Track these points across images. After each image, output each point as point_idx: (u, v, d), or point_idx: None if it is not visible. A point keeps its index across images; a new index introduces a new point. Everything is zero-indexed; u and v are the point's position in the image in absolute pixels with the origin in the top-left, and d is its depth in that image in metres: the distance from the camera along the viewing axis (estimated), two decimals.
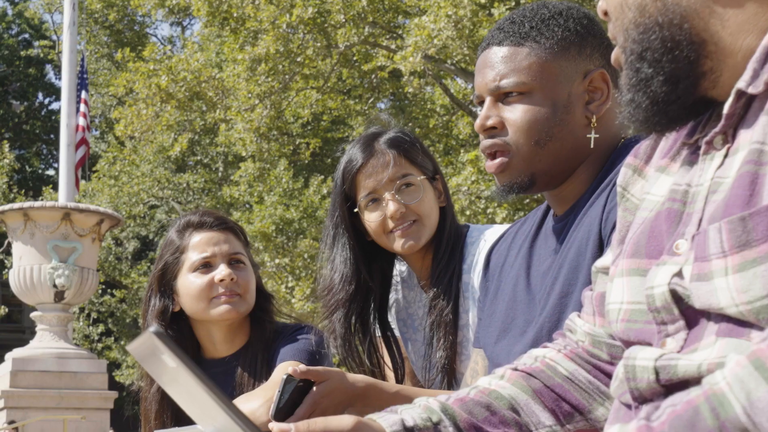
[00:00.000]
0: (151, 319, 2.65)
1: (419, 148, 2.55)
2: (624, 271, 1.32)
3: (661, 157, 1.39)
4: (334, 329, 2.57)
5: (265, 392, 2.33)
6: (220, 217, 2.72)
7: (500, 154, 1.88)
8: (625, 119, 1.31)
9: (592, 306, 1.53)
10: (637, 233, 1.33)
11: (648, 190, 1.37)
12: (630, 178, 1.45)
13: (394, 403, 2.27)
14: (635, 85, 1.27)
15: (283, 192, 21.99)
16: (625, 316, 1.31)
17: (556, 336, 1.62)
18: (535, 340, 1.78)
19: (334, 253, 2.58)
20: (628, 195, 1.44)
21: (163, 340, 1.22)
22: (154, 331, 1.23)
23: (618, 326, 1.33)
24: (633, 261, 1.31)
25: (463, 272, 2.49)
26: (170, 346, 1.23)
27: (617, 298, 1.33)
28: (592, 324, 1.53)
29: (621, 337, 1.34)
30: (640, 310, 1.27)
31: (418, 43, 17.01)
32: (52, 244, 12.79)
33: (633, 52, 1.27)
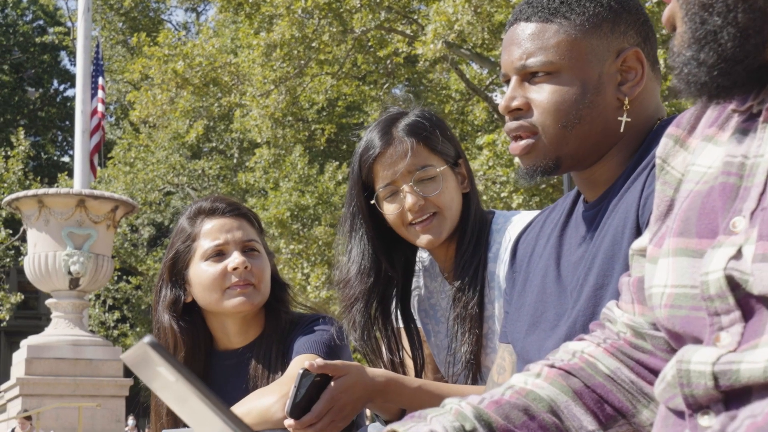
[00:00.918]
0: (162, 310, 2.54)
1: (440, 134, 2.40)
2: (670, 251, 1.21)
3: (708, 126, 1.28)
4: (354, 320, 2.45)
5: (281, 387, 2.21)
6: (232, 203, 2.59)
7: (526, 137, 1.77)
8: (681, 82, 1.19)
9: (630, 293, 1.41)
10: (684, 209, 1.22)
11: (693, 162, 1.27)
12: (671, 150, 1.33)
13: (415, 398, 2.16)
14: (700, 39, 1.16)
15: (298, 178, 21.93)
16: (669, 301, 1.20)
17: (593, 327, 1.50)
18: (568, 335, 1.66)
19: (352, 244, 2.46)
20: (668, 168, 1.33)
21: (159, 351, 1.13)
22: (148, 342, 1.13)
23: (661, 312, 1.22)
24: (681, 240, 1.20)
25: (489, 261, 2.37)
26: (166, 357, 1.13)
27: (660, 281, 1.22)
28: (632, 313, 1.41)
29: (665, 326, 1.23)
30: (685, 294, 1.17)
31: (438, 30, 16.89)
32: (66, 231, 12.77)
33: (696, 3, 1.16)
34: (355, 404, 2.05)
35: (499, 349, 2.04)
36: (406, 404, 2.18)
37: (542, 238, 1.92)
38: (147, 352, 1.13)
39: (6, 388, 13.46)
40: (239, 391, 2.42)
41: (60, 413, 12.45)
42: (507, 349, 1.98)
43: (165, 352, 1.14)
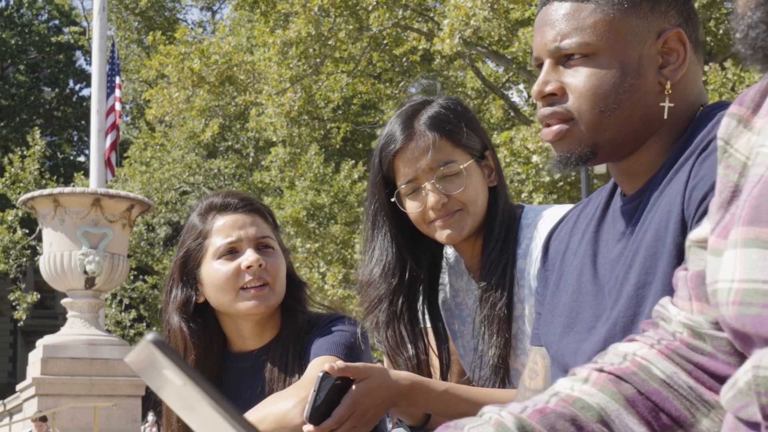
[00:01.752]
0: (173, 311, 2.41)
1: (465, 126, 2.26)
2: (738, 242, 1.10)
3: None
4: (377, 320, 2.34)
5: (299, 391, 2.08)
6: (245, 198, 2.46)
7: (560, 123, 1.65)
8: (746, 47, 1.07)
9: (687, 288, 1.29)
10: (755, 195, 1.10)
11: (763, 143, 1.15)
12: (734, 131, 1.21)
13: (441, 403, 2.04)
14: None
15: (314, 177, 21.88)
16: (737, 298, 1.08)
17: (645, 326, 1.36)
18: (607, 338, 1.54)
19: (374, 242, 2.34)
20: (731, 150, 1.21)
21: (164, 350, 1.02)
22: (152, 341, 1.02)
23: (728, 310, 1.10)
24: (751, 229, 1.08)
25: (518, 258, 2.24)
26: (172, 357, 1.02)
27: (727, 275, 1.10)
28: (689, 311, 1.28)
29: (731, 325, 1.11)
30: (756, 290, 1.05)
31: (455, 24, 16.79)
32: (82, 230, 12.74)
33: None
34: (378, 409, 1.94)
35: (530, 352, 1.92)
36: (432, 409, 2.07)
37: (576, 234, 1.79)
38: (151, 351, 1.03)
39: (22, 388, 13.43)
40: (254, 395, 2.30)
41: (76, 413, 12.40)
42: (539, 352, 1.87)
43: (171, 352, 1.02)
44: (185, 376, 1.01)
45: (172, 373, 1.02)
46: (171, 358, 1.01)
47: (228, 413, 1.04)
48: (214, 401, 1.02)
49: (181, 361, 1.02)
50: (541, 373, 1.87)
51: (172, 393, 1.08)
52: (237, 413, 1.04)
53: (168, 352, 1.01)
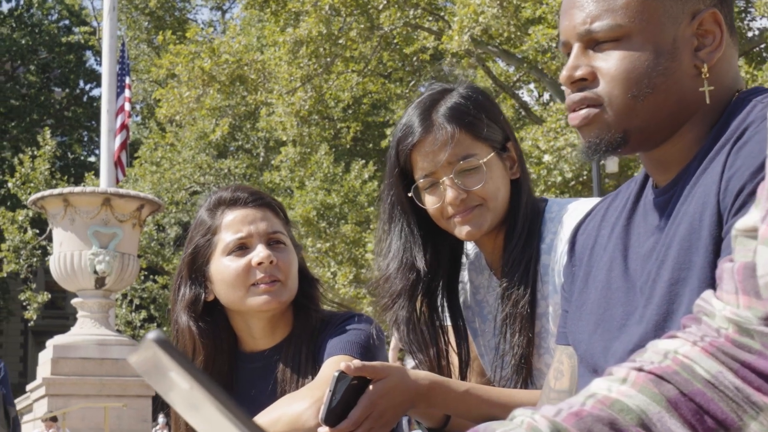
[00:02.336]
0: (181, 310, 2.32)
1: (486, 117, 2.17)
2: None
3: None
4: (396, 317, 2.24)
5: (313, 392, 2.00)
6: (255, 192, 2.36)
7: (590, 107, 1.56)
8: None
9: (734, 281, 1.20)
10: None
11: None
12: None
13: (462, 403, 1.96)
14: None
15: (324, 177, 21.84)
16: None
17: (687, 322, 1.27)
18: (640, 336, 1.45)
19: (391, 237, 2.24)
20: None
21: (166, 349, 0.94)
22: (154, 339, 0.95)
23: None
24: None
25: (542, 253, 2.14)
26: (175, 356, 0.94)
27: None
28: (736, 305, 1.19)
29: None
30: None
31: (464, 21, 16.73)
32: (92, 229, 12.70)
33: None
34: (396, 410, 1.86)
35: (555, 351, 1.84)
36: (452, 409, 1.98)
37: (605, 228, 1.71)
38: (154, 352, 0.95)
39: (32, 388, 13.41)
40: (266, 396, 2.22)
41: (86, 413, 12.36)
42: (565, 351, 1.78)
43: (175, 352, 0.94)
44: (191, 378, 0.93)
45: (177, 375, 0.95)
46: (176, 358, 0.94)
47: (237, 417, 0.96)
48: (221, 404, 0.94)
49: (187, 361, 0.94)
50: (567, 373, 1.78)
51: (178, 395, 1.00)
52: (246, 417, 0.97)
53: (172, 353, 0.94)
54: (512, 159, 2.22)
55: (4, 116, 35.08)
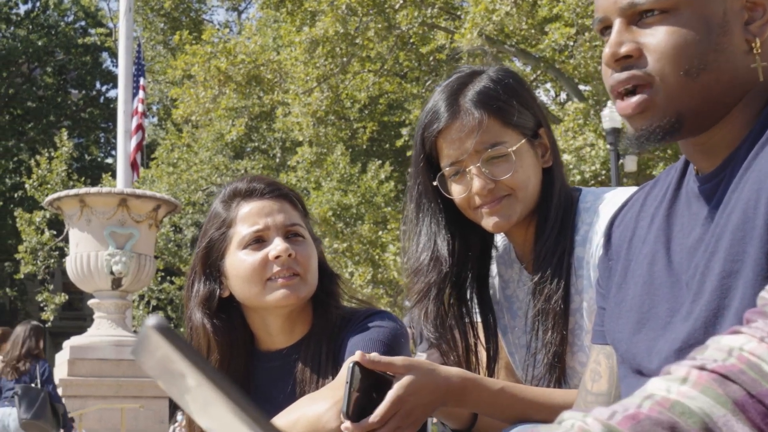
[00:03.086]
0: (195, 307, 2.21)
1: (516, 103, 2.05)
2: None
3: None
4: (427, 311, 2.14)
5: (334, 392, 1.88)
6: (272, 183, 2.25)
7: (640, 90, 1.44)
8: None
9: None
10: None
11: None
12: None
13: (495, 402, 1.84)
14: None
15: (340, 177, 21.78)
16: None
17: (752, 316, 1.15)
18: (688, 334, 1.35)
19: (419, 228, 2.13)
20: None
21: (169, 337, 0.84)
22: (155, 326, 0.85)
23: None
24: None
25: (576, 245, 2.03)
26: (179, 346, 0.84)
27: None
28: None
29: None
30: None
31: (476, 19, 16.63)
32: (108, 230, 12.66)
33: None
34: (425, 408, 1.75)
35: (591, 351, 1.73)
36: (484, 409, 1.87)
37: (644, 219, 1.59)
38: (154, 340, 0.86)
39: None
40: (285, 397, 2.12)
41: (103, 414, 12.30)
42: (602, 351, 1.68)
43: (177, 339, 0.85)
44: (197, 371, 0.84)
45: (181, 368, 0.85)
46: (180, 348, 0.84)
47: (250, 416, 0.86)
48: (231, 400, 0.85)
49: (193, 351, 0.84)
50: (605, 374, 1.68)
51: (184, 391, 0.90)
52: (260, 415, 0.87)
53: (173, 339, 0.84)
54: (544, 146, 2.11)
55: (21, 118, 35.14)
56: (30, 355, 9.28)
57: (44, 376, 9.27)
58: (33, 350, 9.29)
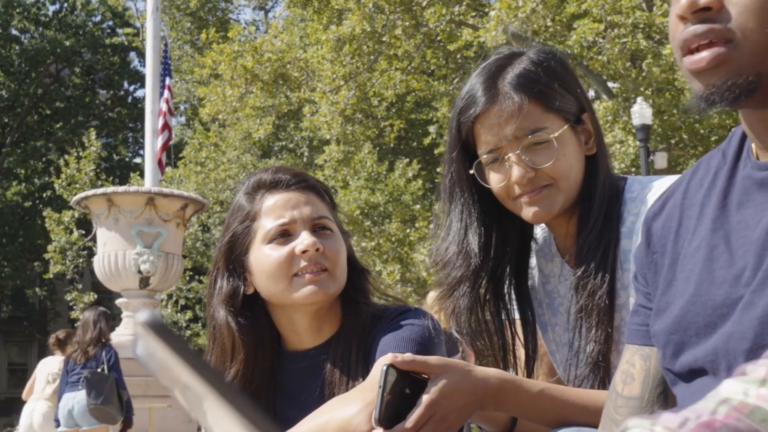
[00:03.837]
0: (218, 304, 2.10)
1: (558, 86, 1.94)
2: None
3: None
4: (456, 306, 2.02)
5: (364, 394, 1.75)
6: (298, 174, 2.14)
7: (717, 45, 1.30)
8: None
9: None
10: None
11: None
12: None
13: (536, 405, 1.72)
14: None
15: (368, 176, 21.71)
16: None
17: None
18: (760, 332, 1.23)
19: (451, 218, 2.02)
20: None
21: (159, 332, 0.76)
22: (146, 322, 0.76)
23: None
24: None
25: (622, 237, 1.91)
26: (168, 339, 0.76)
27: None
28: None
29: None
30: None
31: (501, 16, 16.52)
32: (136, 229, 12.65)
33: None
34: (462, 412, 1.63)
35: (626, 351, 1.60)
36: (524, 412, 1.75)
37: (691, 208, 1.47)
38: (146, 336, 0.77)
39: None
40: (313, 399, 2.00)
41: None
42: (639, 352, 1.56)
43: (169, 335, 0.77)
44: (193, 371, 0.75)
45: (174, 364, 0.77)
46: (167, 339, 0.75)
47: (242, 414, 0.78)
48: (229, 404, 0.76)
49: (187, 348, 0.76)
50: (639, 377, 1.56)
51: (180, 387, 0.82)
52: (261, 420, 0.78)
53: (164, 333, 0.76)
54: (588, 132, 1.99)
55: (50, 118, 35.32)
56: (99, 340, 9.30)
57: (111, 362, 9.40)
58: (104, 334, 9.34)
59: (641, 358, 1.57)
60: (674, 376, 1.43)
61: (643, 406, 1.56)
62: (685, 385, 1.38)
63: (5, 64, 34.28)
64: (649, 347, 1.54)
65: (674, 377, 1.43)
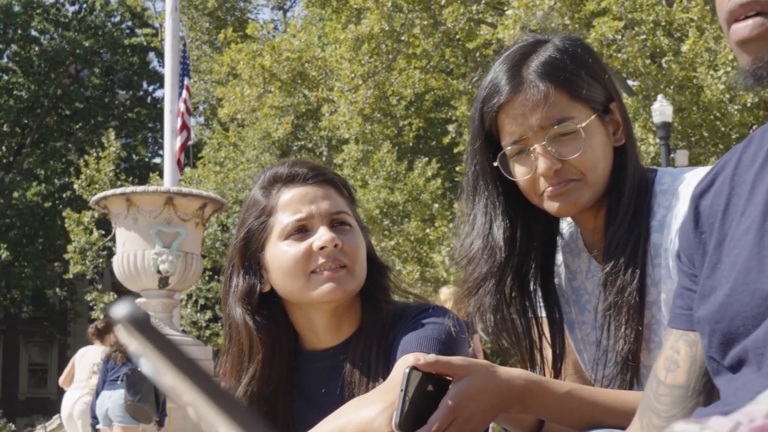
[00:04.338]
0: (234, 303, 2.04)
1: (585, 74, 1.87)
2: None
3: None
4: (482, 303, 1.96)
5: (385, 395, 1.70)
6: (316, 167, 2.07)
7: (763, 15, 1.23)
8: None
9: None
10: None
11: None
12: None
13: (563, 407, 1.65)
14: None
15: (387, 175, 21.66)
16: None
17: None
18: None
19: (475, 212, 1.95)
20: None
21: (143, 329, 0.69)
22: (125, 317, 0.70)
23: None
24: None
25: (652, 231, 1.84)
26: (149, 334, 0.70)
27: None
28: None
29: None
30: None
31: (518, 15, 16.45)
32: (155, 229, 12.64)
33: None
34: (485, 414, 1.57)
35: (669, 336, 1.51)
36: (550, 415, 1.69)
37: (740, 186, 1.38)
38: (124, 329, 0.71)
39: None
40: (332, 400, 1.94)
41: None
42: (684, 338, 1.47)
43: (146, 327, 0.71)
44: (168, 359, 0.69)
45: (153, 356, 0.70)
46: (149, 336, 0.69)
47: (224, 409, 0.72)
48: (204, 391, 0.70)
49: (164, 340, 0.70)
50: (684, 365, 1.48)
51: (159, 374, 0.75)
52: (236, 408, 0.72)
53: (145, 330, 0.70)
54: (616, 123, 1.91)
55: (69, 119, 35.46)
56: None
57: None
58: None
59: (686, 343, 1.49)
60: (719, 366, 1.35)
61: (688, 396, 1.48)
62: (730, 377, 1.30)
63: (25, 64, 34.43)
64: (694, 332, 1.46)
65: (718, 367, 1.35)
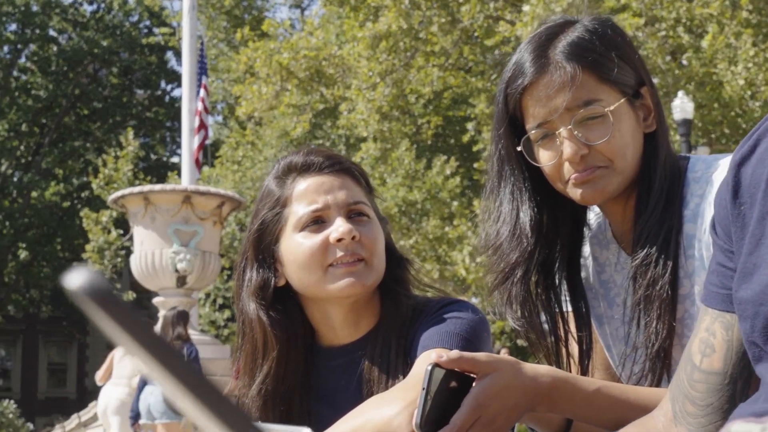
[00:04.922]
0: (248, 297, 1.96)
1: (615, 56, 1.78)
2: None
3: None
4: (510, 294, 1.88)
5: (405, 393, 1.63)
6: (332, 156, 1.98)
7: None
8: None
9: None
10: None
11: None
12: None
13: (591, 405, 1.56)
14: None
15: (405, 173, 21.58)
16: None
17: None
18: None
19: (501, 199, 1.87)
20: None
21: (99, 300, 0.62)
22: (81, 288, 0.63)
23: None
24: None
25: (685, 221, 1.76)
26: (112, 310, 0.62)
27: None
28: None
29: None
30: None
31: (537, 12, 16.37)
32: (173, 228, 12.64)
33: None
34: (510, 413, 1.49)
35: (704, 317, 1.43)
36: (579, 413, 1.60)
37: None
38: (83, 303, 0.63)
39: None
40: (350, 398, 1.86)
41: None
42: (721, 319, 1.39)
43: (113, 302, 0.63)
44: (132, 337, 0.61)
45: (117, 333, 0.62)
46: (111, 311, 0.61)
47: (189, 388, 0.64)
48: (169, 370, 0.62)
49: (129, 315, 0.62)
50: (721, 349, 1.39)
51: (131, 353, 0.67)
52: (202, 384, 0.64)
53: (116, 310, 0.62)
54: (647, 108, 1.83)
55: (88, 118, 35.54)
56: (179, 338, 9.61)
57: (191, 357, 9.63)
58: (182, 335, 9.64)
59: (722, 326, 1.40)
60: (761, 352, 1.26)
61: (726, 384, 1.39)
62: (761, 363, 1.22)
63: (43, 64, 34.53)
64: (731, 314, 1.37)
65: (761, 353, 1.27)
